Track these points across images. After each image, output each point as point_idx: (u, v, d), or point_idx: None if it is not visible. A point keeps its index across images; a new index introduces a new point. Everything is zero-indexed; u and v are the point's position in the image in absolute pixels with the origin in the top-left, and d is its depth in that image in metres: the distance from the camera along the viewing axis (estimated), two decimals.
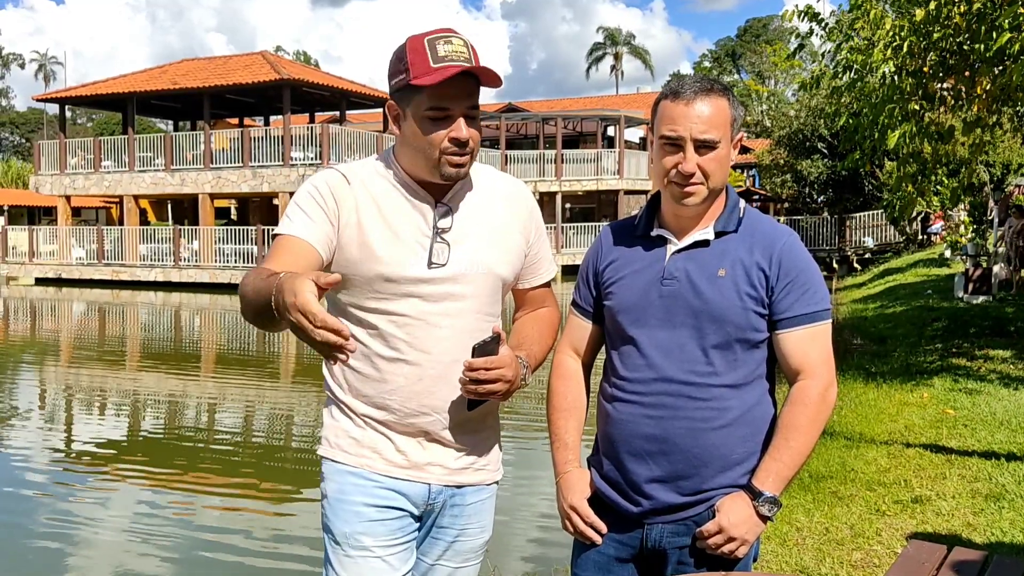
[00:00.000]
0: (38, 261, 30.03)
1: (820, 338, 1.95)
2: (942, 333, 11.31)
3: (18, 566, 5.46)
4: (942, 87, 8.13)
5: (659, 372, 1.95)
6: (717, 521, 1.90)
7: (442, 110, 1.90)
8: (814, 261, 2.00)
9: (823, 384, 1.93)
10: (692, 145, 1.90)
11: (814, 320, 1.94)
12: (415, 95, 1.90)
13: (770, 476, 1.90)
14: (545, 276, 2.21)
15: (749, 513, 1.90)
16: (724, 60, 79.77)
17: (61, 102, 31.60)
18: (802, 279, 1.94)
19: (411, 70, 1.88)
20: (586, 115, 36.97)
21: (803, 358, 1.94)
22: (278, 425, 9.84)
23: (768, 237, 1.97)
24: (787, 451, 1.90)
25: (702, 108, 1.90)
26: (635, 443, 1.97)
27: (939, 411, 6.95)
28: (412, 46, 1.90)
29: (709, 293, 1.92)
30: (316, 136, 26.70)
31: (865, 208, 30.75)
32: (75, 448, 8.66)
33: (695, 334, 1.93)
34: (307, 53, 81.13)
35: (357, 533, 1.99)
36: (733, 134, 1.97)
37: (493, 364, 1.91)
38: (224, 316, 21.89)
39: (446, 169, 1.94)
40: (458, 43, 1.89)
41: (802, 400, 1.92)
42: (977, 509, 4.57)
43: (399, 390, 1.99)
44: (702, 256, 1.96)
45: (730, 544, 1.89)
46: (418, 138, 1.93)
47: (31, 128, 78.49)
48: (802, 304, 1.93)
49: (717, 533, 1.90)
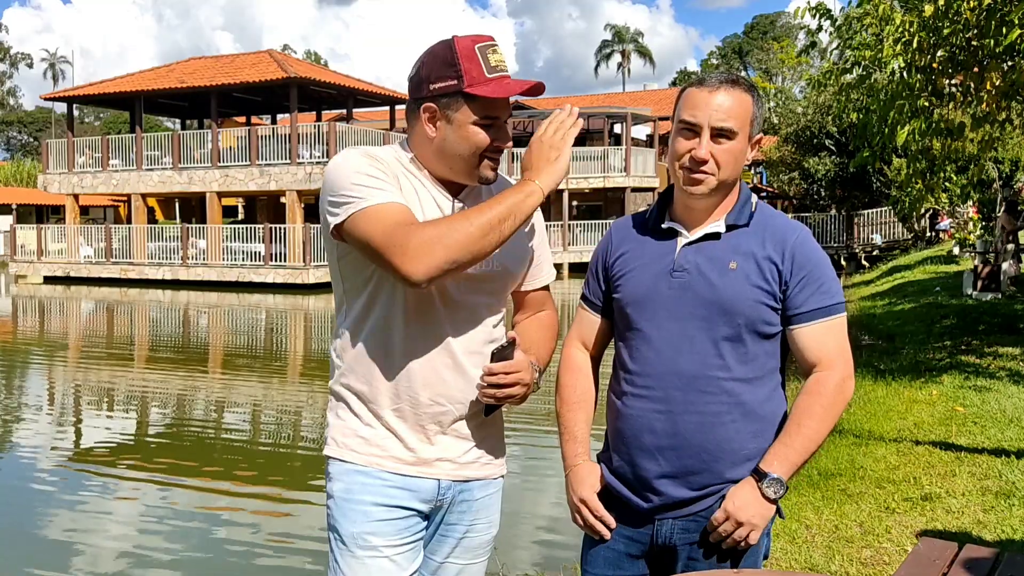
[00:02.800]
0: (46, 259, 30.12)
1: (836, 331, 1.94)
2: (951, 330, 11.28)
3: (26, 562, 5.48)
4: (951, 83, 8.09)
5: (668, 365, 1.94)
6: (723, 507, 1.89)
7: (493, 119, 1.93)
8: (826, 255, 1.99)
9: (840, 375, 1.92)
10: (709, 132, 1.91)
11: (829, 314, 1.93)
12: (467, 102, 1.91)
13: (777, 459, 1.89)
14: (545, 279, 2.22)
15: (755, 496, 1.88)
16: (731, 57, 79.55)
17: (69, 101, 31.70)
18: (816, 273, 1.93)
19: (465, 77, 1.89)
20: (593, 112, 36.90)
21: (820, 351, 1.93)
22: (286, 423, 9.86)
23: (780, 232, 1.96)
24: (798, 436, 1.89)
25: (724, 98, 1.91)
26: (645, 438, 1.96)
27: (948, 408, 6.92)
28: (464, 52, 1.90)
29: (720, 285, 1.92)
30: (323, 134, 26.73)
31: (873, 205, 30.66)
32: (83, 445, 8.69)
33: (705, 326, 1.92)
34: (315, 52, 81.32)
35: (365, 533, 1.99)
36: (753, 132, 1.97)
37: (512, 368, 1.93)
38: (232, 314, 21.94)
39: (485, 172, 1.98)
40: (500, 52, 1.94)
41: (818, 390, 1.91)
42: (987, 506, 4.55)
43: (412, 381, 2.00)
44: (713, 249, 1.96)
45: (739, 530, 1.88)
46: (463, 143, 1.94)
47: (39, 127, 78.78)
48: (817, 298, 1.93)
49: (725, 520, 1.89)
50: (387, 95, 31.16)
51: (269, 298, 24.38)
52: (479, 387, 1.95)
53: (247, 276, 26.51)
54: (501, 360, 1.93)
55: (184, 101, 32.00)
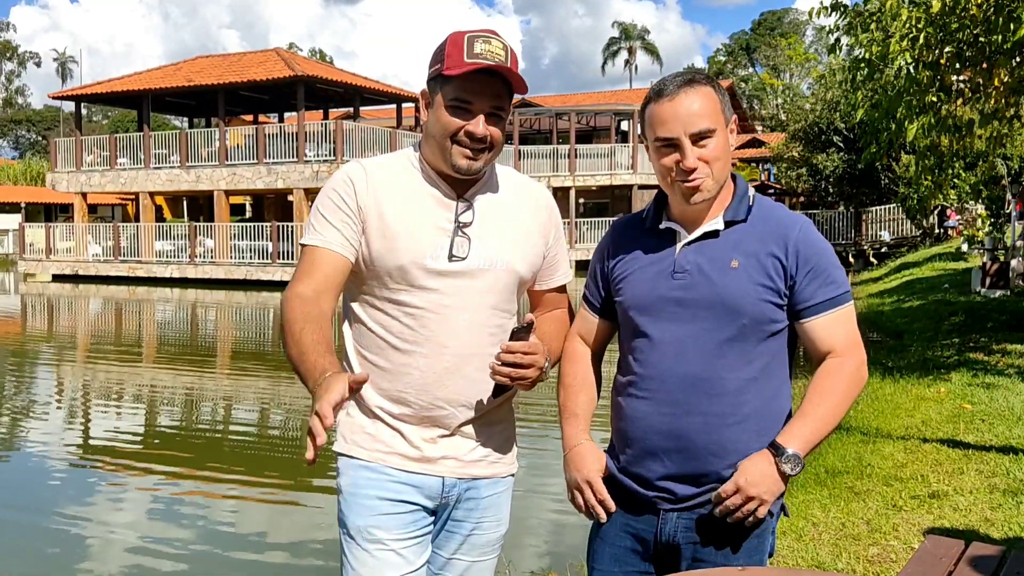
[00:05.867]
0: (55, 258, 30.25)
1: (846, 320, 1.93)
2: (959, 328, 11.25)
3: (34, 559, 5.50)
4: (959, 79, 8.07)
5: (672, 367, 1.92)
6: (734, 480, 1.85)
7: (465, 103, 1.94)
8: (829, 245, 1.98)
9: (857, 360, 1.92)
10: (688, 140, 1.88)
11: (838, 304, 1.92)
12: (444, 84, 1.95)
13: (795, 435, 1.85)
14: (561, 279, 2.23)
15: (770, 471, 1.84)
16: (739, 54, 79.39)
17: (77, 100, 31.79)
18: (822, 264, 1.92)
19: (445, 61, 1.93)
20: (599, 110, 36.88)
21: (833, 340, 1.92)
22: (295, 419, 9.88)
23: (782, 226, 1.94)
24: (817, 413, 1.87)
25: (689, 101, 1.88)
26: (650, 440, 1.94)
27: (956, 406, 6.90)
28: (453, 39, 1.95)
29: (722, 285, 1.90)
30: (330, 132, 26.76)
31: (881, 202, 30.57)
32: (92, 442, 8.72)
33: (709, 327, 1.90)
34: (321, 50, 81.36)
35: (371, 527, 2.01)
36: (727, 119, 1.94)
37: (530, 349, 1.94)
38: (239, 312, 22.00)
39: (457, 160, 1.96)
40: (497, 45, 1.93)
41: (837, 371, 1.90)
42: (995, 504, 4.54)
43: (414, 383, 2.01)
44: (713, 247, 1.93)
45: (748, 504, 1.83)
46: (436, 125, 1.98)
47: (47, 126, 79.01)
48: (825, 290, 1.91)
49: (735, 493, 1.84)
50: (394, 93, 31.18)
51: (276, 296, 24.40)
52: (492, 365, 1.95)
53: (254, 274, 26.58)
54: (519, 340, 1.95)
55: (191, 99, 32.08)
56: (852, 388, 1.91)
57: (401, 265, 1.97)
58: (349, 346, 2.09)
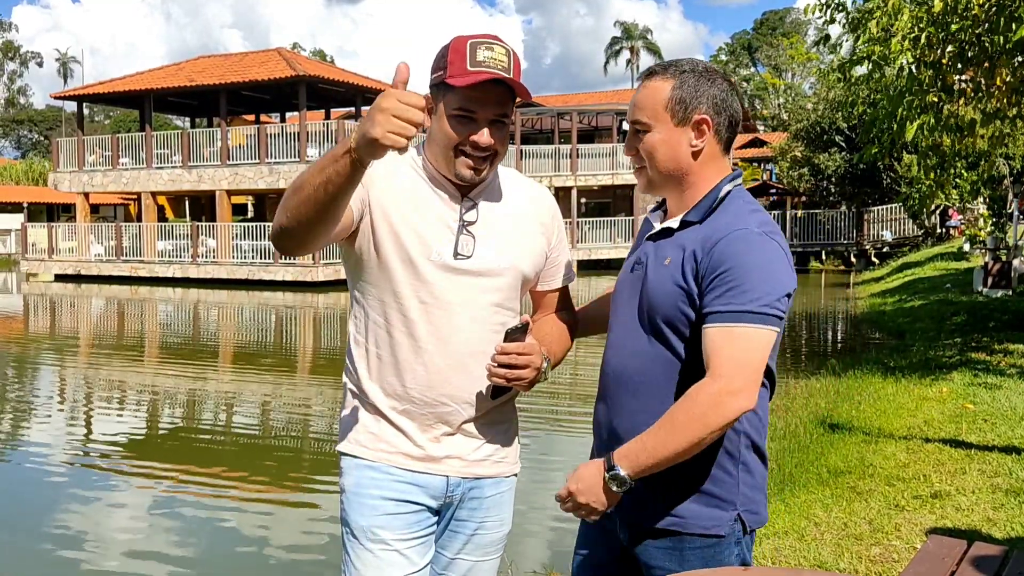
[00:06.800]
0: (57, 258, 30.29)
1: (740, 341, 1.73)
2: (961, 327, 11.25)
3: (34, 559, 5.51)
4: (961, 79, 8.06)
5: (610, 363, 1.98)
6: (567, 484, 1.85)
7: (469, 112, 1.93)
8: (768, 260, 1.79)
9: (719, 387, 1.71)
10: (632, 129, 1.96)
11: (736, 320, 1.74)
12: (448, 93, 1.93)
13: (628, 454, 1.77)
14: (562, 280, 2.24)
15: (597, 482, 1.80)
16: (740, 53, 79.36)
17: (79, 100, 31.83)
18: (734, 274, 1.76)
19: (448, 68, 1.91)
20: (601, 109, 36.86)
21: (711, 358, 1.74)
22: (298, 419, 9.89)
23: (719, 230, 1.83)
24: (652, 437, 1.75)
25: (637, 93, 1.95)
26: (597, 439, 2.01)
27: (958, 406, 6.90)
28: (455, 46, 1.93)
29: (650, 279, 1.91)
30: (332, 132, 26.80)
31: (883, 201, 30.57)
32: (94, 441, 8.73)
33: (641, 319, 1.92)
34: (322, 50, 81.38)
35: (374, 527, 2.02)
36: (679, 116, 1.88)
37: (525, 350, 1.94)
38: (242, 311, 22.01)
39: (461, 170, 1.97)
40: (499, 51, 1.91)
41: (693, 395, 1.73)
42: (997, 504, 4.54)
43: (419, 379, 2.02)
44: (662, 244, 1.94)
45: (579, 511, 1.84)
46: (440, 134, 1.97)
47: (49, 126, 79.07)
48: (724, 301, 1.75)
49: (568, 498, 1.84)
50: None
51: (279, 295, 24.46)
52: (489, 367, 1.96)
53: (257, 274, 26.61)
54: (514, 341, 1.95)
55: (193, 99, 32.10)
56: (700, 420, 1.70)
57: (407, 260, 1.98)
58: (356, 341, 2.10)
